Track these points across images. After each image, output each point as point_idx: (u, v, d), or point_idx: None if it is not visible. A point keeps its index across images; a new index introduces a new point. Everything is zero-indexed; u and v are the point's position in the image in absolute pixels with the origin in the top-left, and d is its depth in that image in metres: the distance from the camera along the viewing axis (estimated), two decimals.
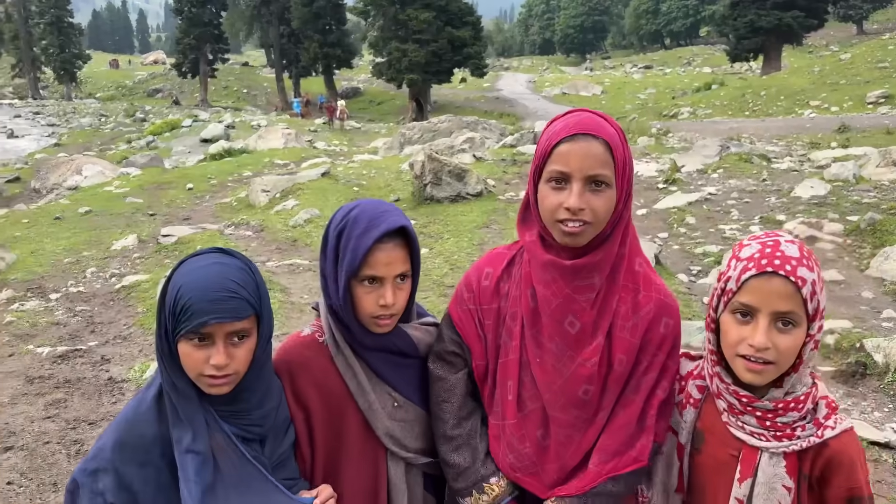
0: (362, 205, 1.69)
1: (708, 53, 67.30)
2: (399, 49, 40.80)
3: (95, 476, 1.47)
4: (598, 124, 1.56)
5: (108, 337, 6.29)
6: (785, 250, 1.41)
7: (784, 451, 1.45)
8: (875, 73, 27.81)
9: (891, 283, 6.20)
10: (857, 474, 1.45)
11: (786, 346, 1.40)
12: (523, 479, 1.70)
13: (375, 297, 1.65)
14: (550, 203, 1.56)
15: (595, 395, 1.63)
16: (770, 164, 12.39)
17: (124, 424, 1.51)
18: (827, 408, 1.48)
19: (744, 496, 1.48)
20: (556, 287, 1.62)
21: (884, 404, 4.24)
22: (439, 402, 1.77)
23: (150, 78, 62.39)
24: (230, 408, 1.54)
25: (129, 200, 13.66)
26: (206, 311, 1.42)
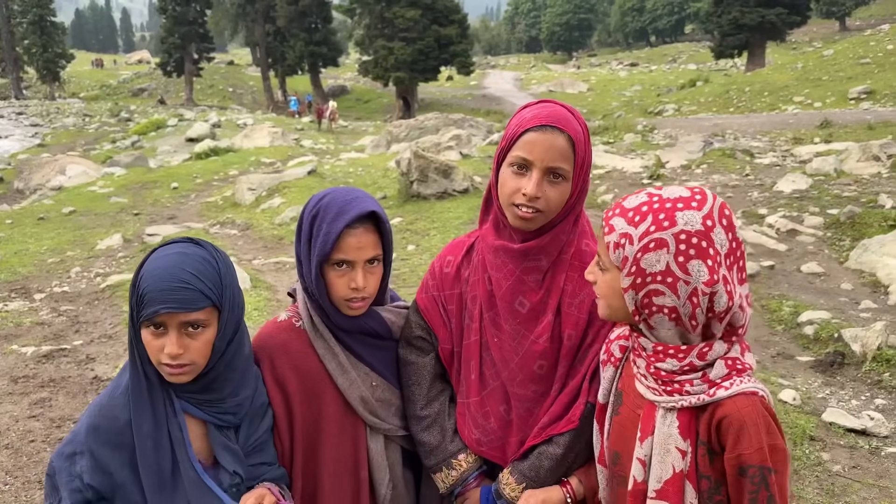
0: (334, 192, 1.75)
1: (693, 50, 67.67)
2: (385, 47, 40.74)
3: (72, 459, 1.50)
4: (566, 119, 1.63)
5: (93, 336, 6.28)
6: (628, 200, 1.43)
7: (674, 406, 1.39)
8: (857, 69, 28.07)
9: (869, 274, 6.30)
10: (747, 440, 1.32)
11: (600, 282, 1.45)
12: (489, 452, 1.80)
13: (347, 281, 1.71)
14: (510, 187, 1.64)
15: (549, 369, 1.72)
16: (753, 159, 12.51)
17: (98, 409, 1.54)
18: (728, 368, 1.38)
19: (645, 456, 1.42)
20: (507, 270, 1.71)
21: (861, 392, 4.32)
22: (409, 385, 1.86)
23: (135, 77, 61.98)
24: (202, 396, 1.56)
25: (114, 200, 13.60)
26: (158, 301, 1.44)
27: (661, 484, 1.39)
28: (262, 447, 1.70)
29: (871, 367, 4.53)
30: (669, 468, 1.38)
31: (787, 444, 3.62)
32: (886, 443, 3.76)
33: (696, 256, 1.32)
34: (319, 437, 1.79)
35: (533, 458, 1.73)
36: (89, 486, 1.48)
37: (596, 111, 36.30)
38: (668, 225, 1.33)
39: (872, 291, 6.01)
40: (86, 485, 1.48)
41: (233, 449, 1.61)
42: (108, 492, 1.49)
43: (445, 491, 1.84)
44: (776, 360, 4.90)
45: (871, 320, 5.24)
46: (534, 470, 1.73)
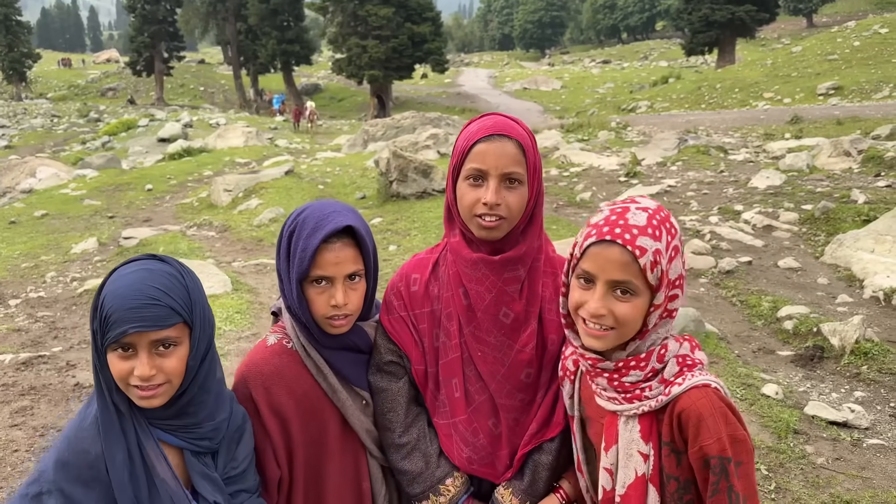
0: (312, 206, 1.72)
1: (664, 48, 68.35)
2: (359, 45, 40.57)
3: (38, 499, 1.41)
4: (511, 127, 1.68)
5: (72, 342, 6.19)
6: (630, 218, 1.39)
7: (636, 412, 1.42)
8: (825, 65, 28.56)
9: (844, 269, 6.42)
10: (706, 432, 1.35)
11: (622, 313, 1.39)
12: (480, 470, 1.78)
13: (327, 298, 1.67)
14: (469, 199, 1.66)
15: (535, 376, 1.74)
16: (727, 155, 12.68)
17: (65, 443, 1.44)
18: (679, 365, 1.43)
19: (611, 465, 1.46)
20: (489, 283, 1.70)
21: (840, 385, 4.41)
22: (384, 413, 1.81)
23: (104, 77, 60.98)
24: (177, 422, 1.50)
25: (87, 203, 13.41)
26: (126, 320, 1.37)
27: (625, 489, 1.43)
28: (242, 475, 1.64)
29: (849, 361, 4.62)
30: (632, 473, 1.43)
31: (772, 437, 3.69)
32: (867, 434, 3.84)
33: (682, 254, 1.43)
34: (323, 456, 1.77)
35: (530, 473, 1.74)
36: None
37: (570, 108, 36.53)
38: (674, 232, 1.42)
39: (848, 286, 6.13)
40: None
41: (211, 477, 1.55)
42: None
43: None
44: (757, 355, 4.98)
45: (847, 314, 5.35)
46: (533, 485, 1.74)
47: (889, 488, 3.36)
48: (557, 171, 11.75)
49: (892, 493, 3.31)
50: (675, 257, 1.40)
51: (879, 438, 3.80)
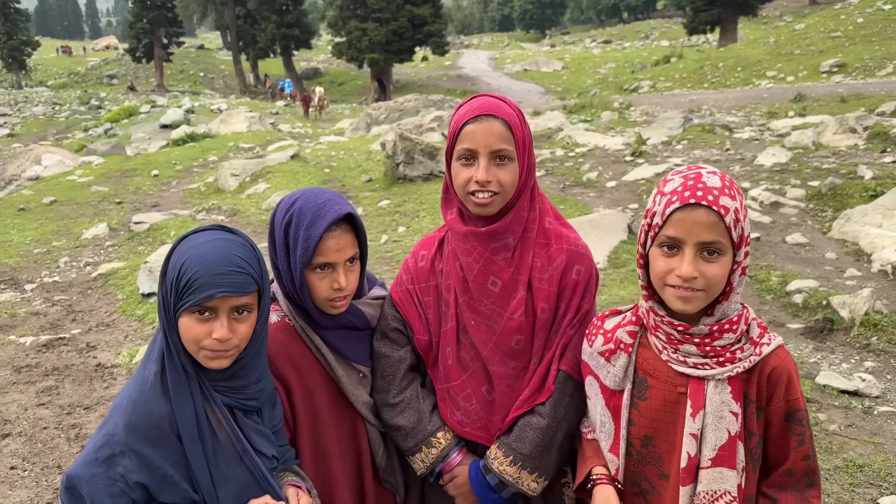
0: (304, 196, 1.78)
1: (665, 27, 67.91)
2: (359, 28, 40.40)
3: (112, 462, 1.46)
4: (497, 106, 1.77)
5: (90, 325, 6.28)
6: (707, 181, 1.43)
7: (729, 375, 1.48)
8: (828, 42, 28.42)
9: (852, 243, 6.48)
10: (794, 387, 1.49)
11: (712, 273, 1.43)
12: (472, 433, 1.87)
13: (329, 283, 1.76)
14: (462, 178, 1.76)
15: (526, 343, 1.82)
16: (732, 134, 12.69)
17: (131, 406, 1.50)
18: (759, 327, 1.53)
19: (698, 430, 1.49)
20: (477, 253, 1.80)
21: (850, 356, 4.49)
22: (384, 377, 1.92)
23: (103, 64, 60.76)
24: (229, 383, 1.57)
25: (95, 189, 13.46)
26: (213, 285, 1.45)
27: (716, 451, 1.47)
28: (280, 432, 1.75)
29: (859, 332, 4.70)
30: (724, 433, 1.47)
31: None
32: (878, 402, 3.93)
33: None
34: (320, 426, 1.88)
35: (517, 429, 1.81)
36: (137, 484, 1.46)
37: (571, 89, 36.40)
38: (741, 193, 1.48)
39: (856, 260, 6.19)
40: (133, 484, 1.46)
41: (265, 433, 1.64)
42: (156, 487, 1.48)
43: (425, 471, 1.89)
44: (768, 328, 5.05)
45: (856, 287, 5.42)
46: (519, 441, 1.80)
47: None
48: (563, 151, 11.77)
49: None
50: (747, 216, 1.47)
51: (890, 406, 3.89)
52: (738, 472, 1.47)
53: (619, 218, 7.22)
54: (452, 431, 1.89)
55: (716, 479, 1.46)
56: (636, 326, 1.63)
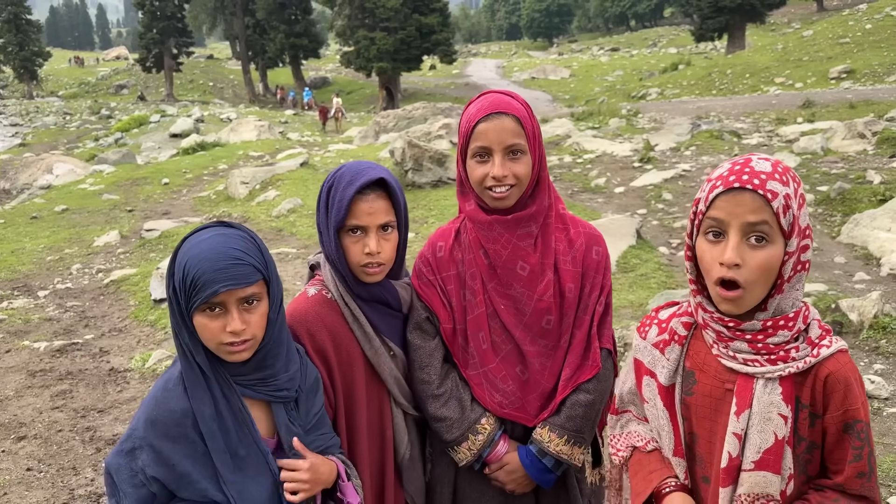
0: (349, 164, 1.86)
1: (673, 34, 67.91)
2: (367, 37, 40.60)
3: (133, 454, 1.51)
4: (507, 103, 1.84)
5: (103, 330, 6.35)
6: (755, 166, 1.36)
7: (780, 374, 1.38)
8: (836, 48, 28.37)
9: (861, 247, 6.48)
10: (854, 396, 1.36)
11: (757, 262, 1.33)
12: (512, 413, 1.92)
13: (361, 247, 1.79)
14: (479, 175, 1.83)
15: (555, 322, 1.89)
16: (740, 139, 12.70)
17: (153, 402, 1.54)
18: (820, 328, 1.41)
19: (741, 430, 1.40)
20: (504, 240, 1.87)
21: (860, 358, 4.49)
22: (422, 367, 1.94)
23: (114, 74, 61.28)
24: (257, 375, 1.60)
25: (106, 197, 13.59)
26: (216, 281, 1.46)
27: (760, 454, 1.39)
28: (321, 420, 1.76)
29: (868, 335, 4.70)
30: (770, 436, 1.38)
31: None
32: (887, 404, 3.93)
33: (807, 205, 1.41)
34: (353, 404, 1.90)
35: (566, 409, 1.87)
36: (153, 478, 1.50)
37: (579, 97, 36.45)
38: (798, 182, 1.39)
39: (865, 264, 6.19)
40: (149, 478, 1.50)
41: (295, 431, 1.66)
42: (172, 483, 1.51)
43: (472, 458, 1.91)
44: None
45: (865, 291, 5.42)
46: (571, 420, 1.87)
47: None
48: (571, 157, 11.81)
49: None
50: (804, 205, 1.37)
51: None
52: (784, 478, 1.39)
53: (627, 223, 7.24)
54: (494, 416, 1.93)
55: (758, 483, 1.39)
56: (692, 318, 1.54)
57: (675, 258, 6.80)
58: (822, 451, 1.42)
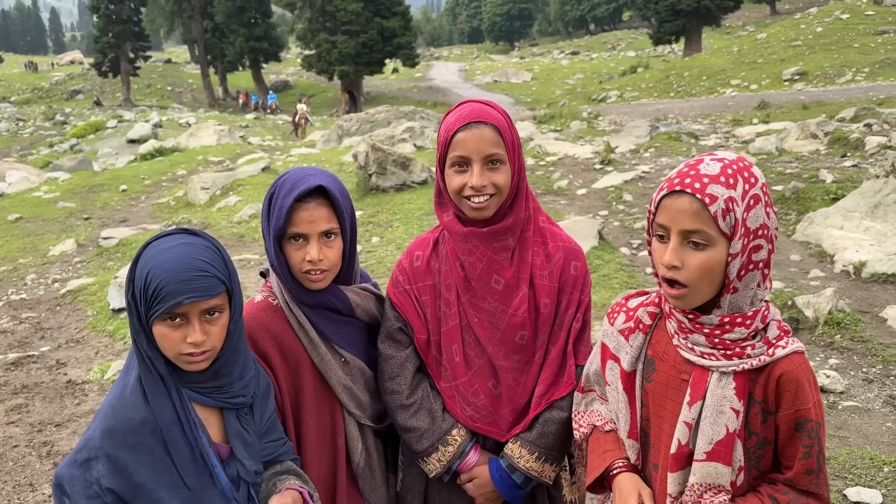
0: (292, 171, 1.85)
1: (631, 38, 68.92)
2: (328, 41, 40.41)
3: (87, 465, 1.47)
4: (486, 112, 1.82)
5: (59, 342, 6.20)
6: (702, 168, 1.38)
7: (734, 370, 1.42)
8: (789, 51, 29.10)
9: (815, 245, 6.65)
10: (805, 396, 1.41)
11: (696, 264, 1.38)
12: (483, 427, 1.90)
13: (303, 254, 1.79)
14: (457, 184, 1.81)
15: (530, 338, 1.87)
16: (698, 141, 12.92)
17: (110, 411, 1.51)
18: (779, 329, 1.46)
19: (692, 419, 1.45)
20: (479, 252, 1.85)
21: (816, 354, 4.61)
22: (393, 378, 1.93)
23: (68, 79, 59.84)
24: (212, 384, 1.58)
25: (61, 205, 13.26)
26: (180, 292, 1.45)
27: (711, 445, 1.43)
28: (273, 425, 1.76)
29: (823, 331, 4.82)
30: (722, 429, 1.43)
31: None
32: (842, 398, 4.04)
33: (770, 205, 1.42)
34: (301, 411, 1.89)
35: (539, 426, 1.86)
36: (108, 489, 1.46)
37: (541, 100, 36.73)
38: (754, 181, 1.40)
39: (819, 261, 6.35)
40: (104, 489, 1.46)
41: (247, 441, 1.64)
42: (128, 494, 1.48)
43: (441, 470, 1.90)
44: None
45: (820, 288, 5.55)
46: (543, 437, 1.85)
47: (864, 445, 3.55)
48: (534, 160, 11.89)
49: (866, 449, 3.50)
50: (755, 206, 1.38)
51: (854, 401, 4.00)
52: (734, 469, 1.45)
53: (589, 224, 7.32)
54: (465, 427, 1.91)
55: (710, 474, 1.44)
56: (657, 308, 1.60)
57: (637, 258, 6.89)
58: (775, 447, 1.48)
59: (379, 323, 2.01)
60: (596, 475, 1.70)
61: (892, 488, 3.19)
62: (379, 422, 2.00)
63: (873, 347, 4.58)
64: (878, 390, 4.11)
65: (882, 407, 3.94)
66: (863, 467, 3.35)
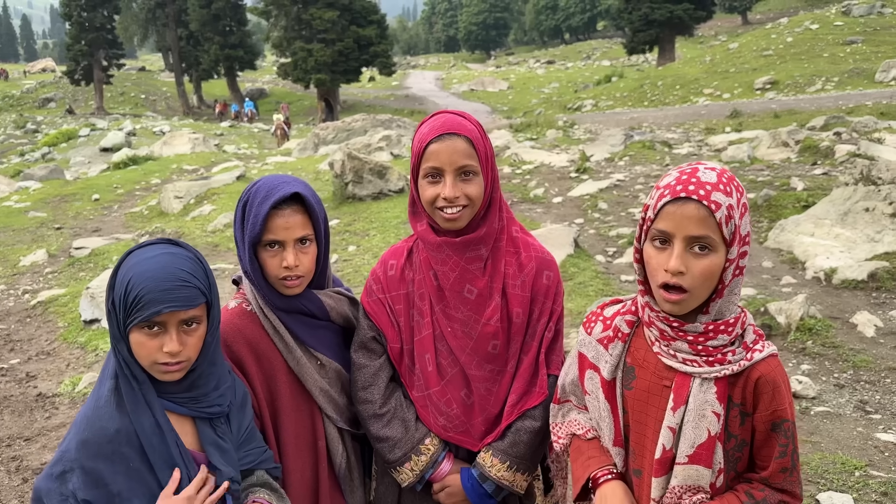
0: (265, 178, 1.87)
1: (606, 47, 69.61)
2: (304, 49, 40.26)
3: (63, 478, 1.47)
4: (459, 124, 1.84)
5: (29, 354, 6.09)
6: (701, 176, 1.42)
7: (716, 376, 1.46)
8: (761, 60, 29.56)
9: (787, 252, 6.74)
10: (781, 397, 1.47)
11: (700, 270, 1.41)
12: (455, 437, 1.91)
13: (279, 261, 1.81)
14: (430, 195, 1.82)
15: (502, 347, 1.89)
16: (671, 149, 13.07)
17: (85, 423, 1.51)
18: (755, 333, 1.52)
19: (676, 424, 1.49)
20: (452, 262, 1.86)
21: (788, 360, 4.66)
22: (366, 388, 1.94)
23: (40, 87, 58.92)
24: (188, 394, 1.59)
25: (32, 215, 13.05)
26: (160, 301, 1.47)
27: (693, 449, 1.48)
28: (251, 434, 1.76)
29: (795, 337, 4.89)
30: (704, 433, 1.47)
31: None
32: (814, 403, 4.09)
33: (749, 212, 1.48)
34: (278, 415, 1.89)
35: (511, 435, 1.87)
36: (84, 501, 1.46)
37: (517, 108, 36.93)
38: (742, 190, 1.46)
39: (791, 268, 6.44)
40: (80, 501, 1.46)
41: (223, 448, 1.64)
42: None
43: (414, 479, 1.90)
44: None
45: (792, 294, 5.63)
46: (514, 446, 1.86)
47: (836, 450, 3.60)
48: (510, 168, 11.94)
49: (838, 454, 3.55)
50: (745, 214, 1.44)
51: (825, 406, 4.05)
52: (714, 471, 1.49)
53: (565, 232, 7.36)
54: (438, 437, 1.91)
55: (691, 476, 1.48)
56: (634, 317, 1.63)
57: (612, 266, 6.94)
58: (751, 448, 1.53)
59: (353, 326, 2.01)
60: (581, 483, 1.71)
61: (862, 492, 3.24)
62: (356, 426, 2.00)
63: (844, 353, 4.65)
64: (849, 395, 4.18)
65: (853, 412, 4.00)
66: (834, 472, 3.40)
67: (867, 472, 3.40)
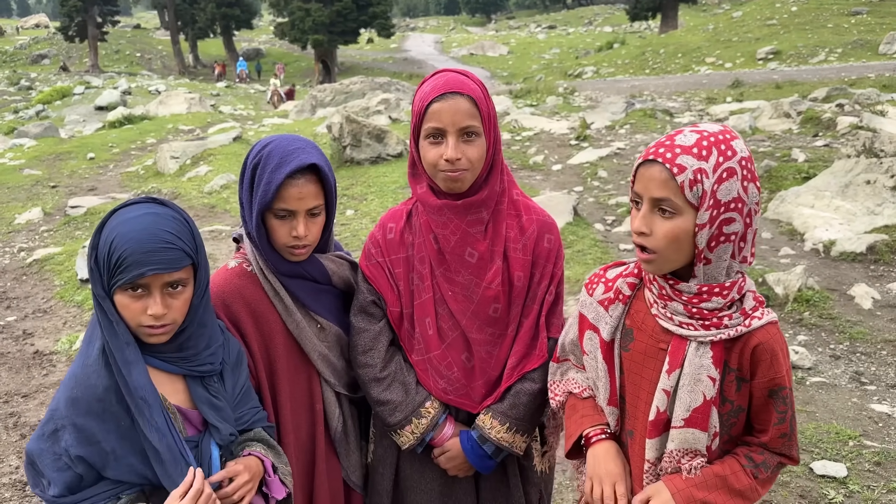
0: (277, 140, 1.79)
1: (608, 13, 68.68)
2: (302, 8, 39.64)
3: (55, 436, 1.46)
4: (462, 83, 1.78)
5: (26, 311, 6.07)
6: (678, 139, 1.42)
7: (712, 339, 1.46)
8: (764, 30, 29.26)
9: (786, 223, 6.73)
10: (779, 365, 1.48)
11: (663, 232, 1.42)
12: (455, 399, 1.91)
13: (288, 229, 1.77)
14: (432, 156, 1.77)
15: (503, 311, 1.87)
16: (672, 118, 12.98)
17: (73, 381, 1.50)
18: (755, 300, 1.50)
19: (670, 387, 1.50)
20: (453, 225, 1.83)
21: (785, 330, 4.68)
22: (366, 352, 1.92)
23: (33, 43, 58.04)
24: (177, 354, 1.57)
25: (27, 172, 12.93)
26: (143, 263, 1.42)
27: (689, 412, 1.49)
28: (246, 394, 1.75)
29: (793, 308, 4.90)
30: (700, 396, 1.48)
31: None
32: (810, 374, 4.12)
33: (751, 180, 1.42)
34: (275, 377, 1.88)
35: (510, 397, 1.87)
36: (78, 458, 1.45)
37: (517, 74, 36.56)
38: (731, 154, 1.41)
39: (790, 239, 6.44)
40: (74, 459, 1.45)
41: (217, 406, 1.62)
42: (98, 462, 1.46)
43: (415, 442, 1.90)
44: None
45: (790, 265, 5.63)
46: (514, 408, 1.86)
47: (830, 420, 3.63)
48: (510, 135, 11.85)
49: (832, 424, 3.58)
50: (729, 179, 1.39)
51: (821, 377, 4.08)
52: (710, 434, 1.50)
53: (564, 200, 7.33)
54: (438, 400, 1.91)
55: (687, 440, 1.50)
56: (636, 279, 1.63)
57: (611, 234, 6.92)
58: (747, 414, 1.55)
59: (354, 290, 1.98)
60: (573, 440, 1.73)
61: (856, 462, 3.27)
62: (353, 390, 2.00)
63: (841, 324, 4.67)
64: (845, 366, 4.20)
65: (848, 383, 4.03)
66: (829, 441, 3.43)
67: (861, 441, 3.43)
